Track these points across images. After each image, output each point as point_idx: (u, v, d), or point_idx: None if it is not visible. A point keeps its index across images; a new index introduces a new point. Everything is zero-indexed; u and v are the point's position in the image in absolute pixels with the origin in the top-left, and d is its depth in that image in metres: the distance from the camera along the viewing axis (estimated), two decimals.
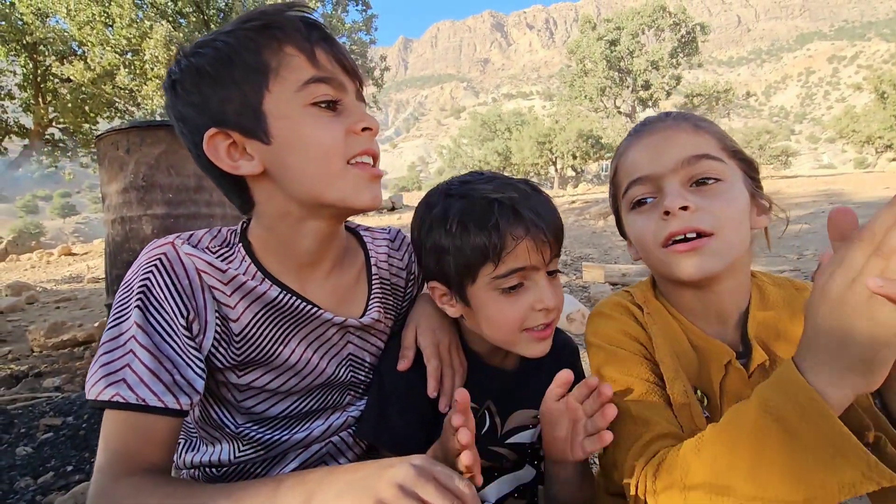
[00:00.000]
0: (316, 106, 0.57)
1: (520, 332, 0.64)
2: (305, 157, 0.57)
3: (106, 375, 0.53)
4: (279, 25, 0.56)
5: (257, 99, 0.56)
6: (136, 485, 0.50)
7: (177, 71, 0.58)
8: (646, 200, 0.62)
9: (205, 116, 0.57)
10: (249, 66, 0.55)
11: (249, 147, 0.57)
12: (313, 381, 0.68)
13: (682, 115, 0.64)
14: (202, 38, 0.60)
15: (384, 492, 0.41)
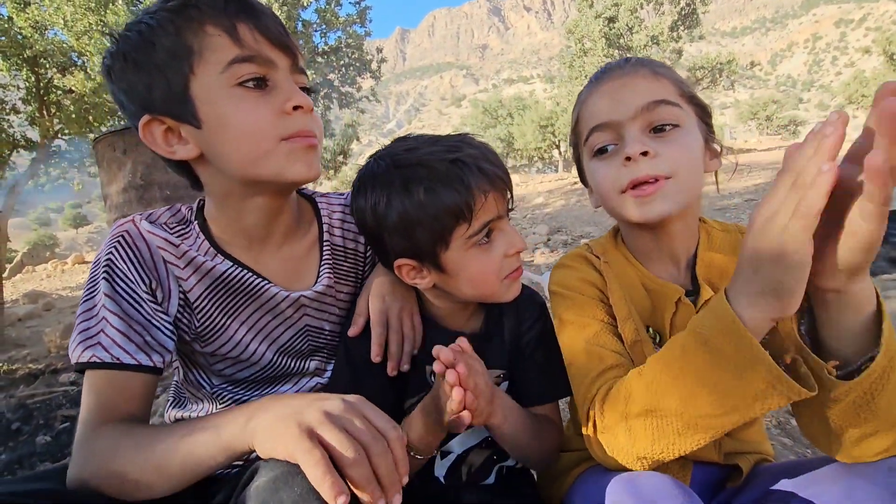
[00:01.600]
0: (242, 86, 0.56)
1: (501, 280, 0.65)
2: (235, 140, 0.57)
3: (83, 341, 0.57)
4: (197, 4, 0.55)
5: (182, 83, 0.55)
6: (113, 430, 0.55)
7: (108, 56, 0.59)
8: (607, 148, 0.63)
9: (135, 104, 0.58)
10: (171, 50, 0.55)
11: (184, 131, 0.58)
12: (267, 351, 0.70)
13: (641, 61, 0.65)
14: (129, 20, 0.60)
15: (311, 417, 0.44)
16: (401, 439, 0.45)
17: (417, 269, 0.66)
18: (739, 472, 0.61)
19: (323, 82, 16.54)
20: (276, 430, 0.44)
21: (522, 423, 0.64)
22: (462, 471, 0.71)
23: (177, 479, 0.50)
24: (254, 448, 0.46)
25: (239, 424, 0.48)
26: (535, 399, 0.68)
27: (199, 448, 0.49)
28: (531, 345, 0.71)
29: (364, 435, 0.43)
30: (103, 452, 0.52)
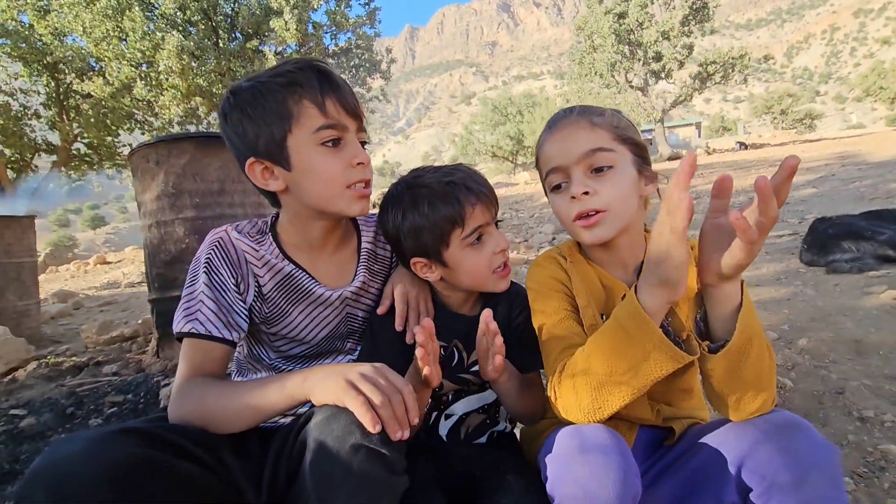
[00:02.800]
0: (324, 145, 0.76)
1: (491, 274, 0.84)
2: (314, 183, 0.77)
3: (185, 316, 0.77)
4: (300, 83, 0.75)
5: (282, 137, 0.75)
6: (202, 382, 0.74)
7: (227, 105, 0.79)
8: (560, 185, 0.80)
9: (244, 146, 0.77)
10: (277, 112, 0.75)
11: (276, 171, 0.78)
12: (318, 333, 0.90)
13: (582, 112, 0.81)
14: (244, 80, 0.79)
15: (352, 375, 0.62)
16: (411, 392, 0.62)
17: (427, 265, 0.86)
18: (674, 432, 0.77)
19: None
20: (327, 384, 0.63)
21: (519, 385, 0.83)
22: (461, 431, 0.89)
23: (248, 418, 0.69)
24: (309, 398, 0.64)
25: (298, 381, 0.66)
26: (524, 369, 0.86)
27: (267, 396, 0.67)
28: (520, 327, 0.90)
29: (387, 388, 0.61)
30: (195, 398, 0.71)
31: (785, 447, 0.58)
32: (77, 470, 0.54)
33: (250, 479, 0.70)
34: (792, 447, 0.58)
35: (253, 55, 13.92)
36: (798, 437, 0.58)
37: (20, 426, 1.77)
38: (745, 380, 0.61)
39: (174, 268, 2.34)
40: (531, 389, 0.86)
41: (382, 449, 0.57)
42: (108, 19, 12.32)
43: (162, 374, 2.21)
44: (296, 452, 0.64)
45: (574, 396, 0.69)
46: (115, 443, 0.58)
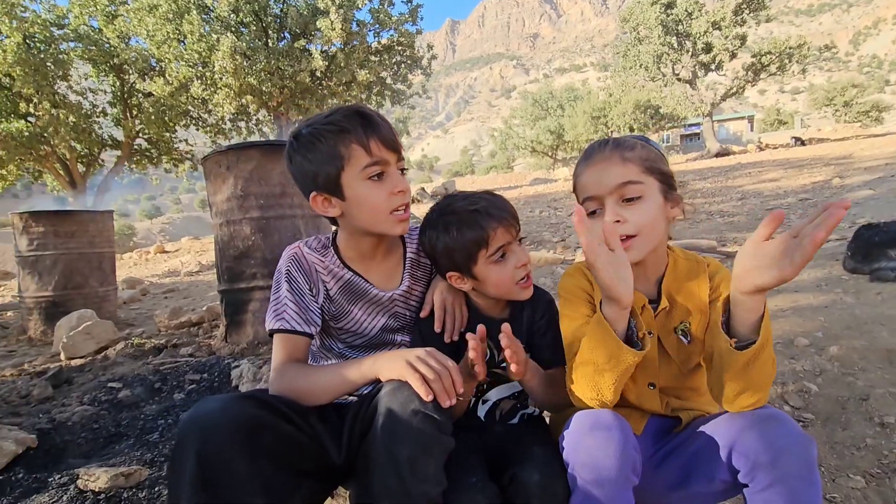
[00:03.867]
0: (370, 179, 0.94)
1: (514, 285, 0.99)
2: (363, 211, 0.96)
3: (275, 316, 0.97)
4: (349, 129, 0.91)
5: (336, 175, 0.93)
6: (294, 366, 0.94)
7: (290, 148, 0.97)
8: (595, 211, 0.94)
9: (307, 180, 0.96)
10: (330, 154, 0.93)
11: (333, 201, 0.97)
12: (374, 327, 1.09)
13: (615, 147, 0.93)
14: (303, 126, 0.97)
15: (409, 357, 0.80)
16: (456, 369, 0.80)
17: (460, 278, 1.02)
18: (680, 421, 0.91)
19: (376, 81, 17.05)
20: (392, 364, 0.81)
21: (542, 380, 0.98)
22: (496, 413, 1.05)
23: (332, 392, 0.89)
24: (378, 376, 0.83)
25: (369, 363, 0.86)
26: (546, 365, 1.01)
27: (347, 375, 0.87)
28: (542, 328, 1.05)
29: (437, 367, 0.79)
30: (291, 377, 0.91)
31: (764, 433, 0.71)
32: (216, 420, 0.75)
33: (331, 440, 0.89)
34: (770, 433, 0.71)
35: (300, 54, 14.42)
36: (775, 426, 0.72)
37: (118, 397, 2.07)
38: (750, 379, 0.74)
39: (241, 262, 2.61)
40: (553, 383, 1.00)
41: (434, 414, 0.75)
42: (168, 23, 13.11)
43: (230, 357, 2.48)
44: (367, 416, 0.82)
45: (579, 384, 0.84)
46: (240, 404, 0.78)
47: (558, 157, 43.12)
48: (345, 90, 16.45)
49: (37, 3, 13.89)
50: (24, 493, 1.35)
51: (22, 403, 2.10)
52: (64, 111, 13.64)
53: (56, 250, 3.88)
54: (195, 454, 0.72)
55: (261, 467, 0.77)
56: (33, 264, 3.85)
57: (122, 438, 1.73)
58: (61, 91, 14.11)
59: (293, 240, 2.65)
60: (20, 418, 1.92)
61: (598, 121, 36.54)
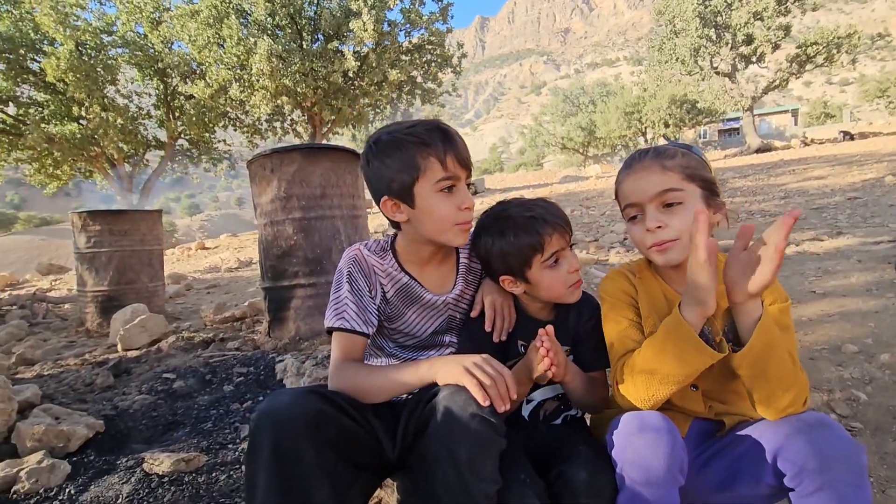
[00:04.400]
0: (441, 192, 0.98)
1: (565, 289, 1.03)
2: (431, 221, 1.00)
3: (335, 315, 1.02)
4: (429, 143, 0.96)
5: (411, 184, 0.98)
6: (353, 365, 0.99)
7: (370, 152, 1.02)
8: (636, 217, 0.97)
9: (381, 184, 1.01)
10: (408, 163, 0.97)
11: (402, 207, 1.01)
12: (427, 329, 1.14)
13: (656, 155, 0.95)
14: (383, 132, 1.01)
15: (467, 363, 0.84)
16: (510, 376, 0.84)
17: (513, 281, 1.06)
18: (724, 425, 0.92)
19: (407, 80, 17.19)
20: (450, 369, 0.85)
21: (583, 382, 1.01)
22: (539, 414, 1.09)
23: (389, 392, 0.94)
24: (435, 379, 0.87)
25: (426, 367, 0.90)
26: (590, 367, 1.05)
27: (404, 377, 0.92)
28: (587, 332, 1.07)
29: (493, 374, 0.83)
30: (350, 375, 0.97)
31: (813, 439, 0.72)
32: (288, 413, 0.82)
33: (386, 435, 0.94)
34: (818, 440, 0.72)
35: (333, 55, 14.70)
36: (823, 432, 0.73)
37: (173, 387, 2.20)
38: (770, 378, 0.78)
39: (284, 261, 2.72)
40: (595, 385, 1.04)
41: (491, 418, 0.79)
42: (209, 27, 13.58)
43: (274, 351, 2.60)
44: (423, 416, 0.87)
45: (633, 388, 0.87)
46: (307, 399, 0.85)
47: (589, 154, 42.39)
48: (376, 90, 16.67)
49: (88, 12, 14.60)
50: (96, 474, 1.47)
51: (87, 391, 2.27)
52: (112, 114, 14.37)
53: (111, 247, 4.12)
54: (271, 443, 0.79)
55: (326, 457, 0.83)
56: (91, 260, 4.10)
57: (179, 426, 1.85)
58: (110, 95, 14.86)
59: (332, 240, 2.74)
60: (87, 404, 2.08)
61: (631, 116, 35.68)
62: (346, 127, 19.58)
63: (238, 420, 1.84)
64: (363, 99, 16.83)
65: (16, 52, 13.24)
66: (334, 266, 2.75)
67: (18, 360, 2.96)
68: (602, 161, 42.51)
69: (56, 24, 12.86)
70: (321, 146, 2.76)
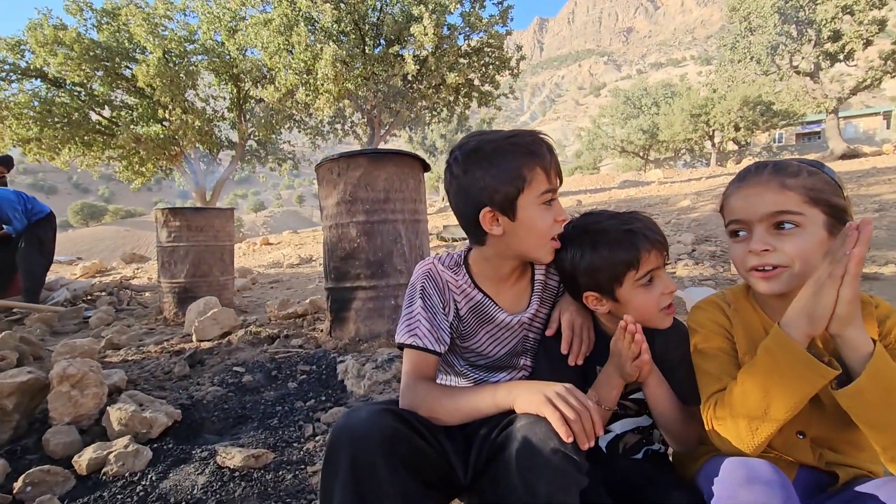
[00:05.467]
0: (544, 204, 0.95)
1: (657, 312, 0.96)
2: (531, 234, 0.96)
3: (408, 331, 1.00)
4: (537, 153, 0.93)
5: (515, 195, 0.92)
6: (427, 384, 0.97)
7: (469, 159, 0.96)
8: (739, 234, 0.86)
9: (482, 194, 0.96)
10: (516, 175, 0.93)
11: (501, 220, 0.97)
12: (500, 351, 1.10)
13: (775, 171, 0.84)
14: (480, 139, 0.97)
15: (549, 392, 0.79)
16: (596, 411, 0.78)
17: (598, 299, 1.00)
18: (836, 478, 0.81)
19: (464, 83, 17.26)
20: (530, 397, 0.81)
21: (671, 398, 0.94)
22: (619, 446, 1.02)
23: (464, 416, 0.90)
24: (513, 406, 0.84)
25: (504, 392, 0.86)
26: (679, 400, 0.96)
27: (481, 401, 0.88)
28: (675, 361, 0.99)
29: (577, 407, 0.77)
30: (422, 395, 0.94)
31: None
32: (365, 430, 0.81)
33: (457, 458, 0.92)
34: None
35: (394, 59, 15.03)
36: None
37: (242, 381, 2.31)
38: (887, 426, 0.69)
39: (347, 263, 2.78)
40: (684, 418, 0.95)
41: (573, 455, 0.74)
42: (280, 35, 14.29)
43: (335, 351, 2.66)
44: (497, 443, 0.83)
45: (731, 426, 0.79)
46: (383, 417, 0.83)
47: (650, 158, 40.65)
48: (434, 93, 16.88)
49: (174, 22, 15.79)
50: (174, 462, 1.55)
51: (166, 379, 2.42)
52: (191, 116, 15.46)
53: (188, 242, 4.40)
54: (349, 460, 0.78)
55: (399, 475, 0.82)
56: (170, 254, 4.41)
57: (248, 420, 1.92)
58: (190, 98, 16.00)
59: (394, 244, 2.77)
60: (166, 392, 2.22)
61: (697, 119, 33.89)
62: (403, 129, 19.94)
63: (301, 419, 1.89)
64: (421, 102, 17.08)
65: (112, 60, 14.59)
66: (395, 270, 2.78)
67: (107, 344, 3.22)
68: (664, 165, 40.65)
69: (147, 33, 14.04)
70: (387, 151, 2.80)
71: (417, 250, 2.90)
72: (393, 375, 2.16)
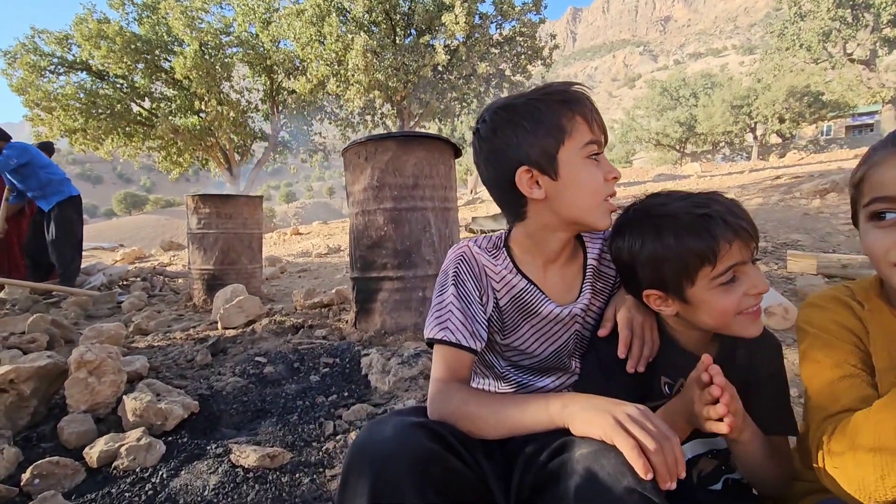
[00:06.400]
0: (589, 158, 0.81)
1: (739, 317, 0.76)
2: (580, 193, 0.81)
3: (438, 324, 0.85)
4: (575, 100, 0.81)
5: (555, 149, 0.80)
6: (461, 388, 0.81)
7: (498, 119, 0.84)
8: (884, 215, 0.65)
9: (516, 155, 0.81)
10: (553, 126, 0.79)
11: (541, 180, 0.82)
12: (547, 349, 0.93)
13: None
14: (510, 98, 0.84)
15: (620, 414, 0.63)
16: (678, 441, 0.61)
17: (663, 298, 0.81)
18: None
19: (495, 73, 16.96)
20: (593, 417, 0.65)
21: (763, 447, 0.75)
22: (692, 474, 0.84)
23: (507, 430, 0.74)
24: (568, 426, 0.67)
25: (558, 406, 0.69)
26: (765, 431, 0.77)
27: (527, 416, 0.72)
28: (762, 381, 0.80)
29: (657, 435, 0.60)
30: (457, 402, 0.79)
31: None
32: (391, 450, 0.66)
33: (497, 481, 0.76)
34: None
35: (424, 49, 14.87)
36: None
37: (263, 372, 2.22)
38: None
39: (374, 251, 2.66)
40: (776, 456, 0.77)
41: (653, 497, 0.58)
42: (311, 25, 14.33)
43: (359, 343, 2.55)
44: (550, 470, 0.67)
45: (854, 467, 0.60)
46: (414, 434, 0.69)
47: (686, 151, 39.21)
48: (464, 83, 16.64)
49: (210, 15, 16.05)
50: (187, 458, 1.46)
51: (188, 367, 2.36)
52: (226, 108, 15.75)
53: (217, 229, 4.38)
54: (370, 484, 0.64)
55: (428, 499, 0.67)
56: (200, 241, 4.40)
57: (267, 415, 1.83)
58: (225, 90, 16.29)
59: (423, 232, 2.62)
60: (186, 381, 2.15)
61: (739, 110, 32.44)
62: (433, 121, 19.79)
63: (322, 415, 1.77)
64: (451, 93, 16.87)
65: (152, 52, 14.97)
66: (423, 260, 2.64)
67: (135, 329, 3.22)
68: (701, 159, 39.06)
69: (184, 26, 14.32)
70: (416, 134, 2.65)
71: (447, 240, 2.75)
72: (419, 371, 2.02)
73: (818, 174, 8.62)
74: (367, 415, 1.75)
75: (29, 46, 14.00)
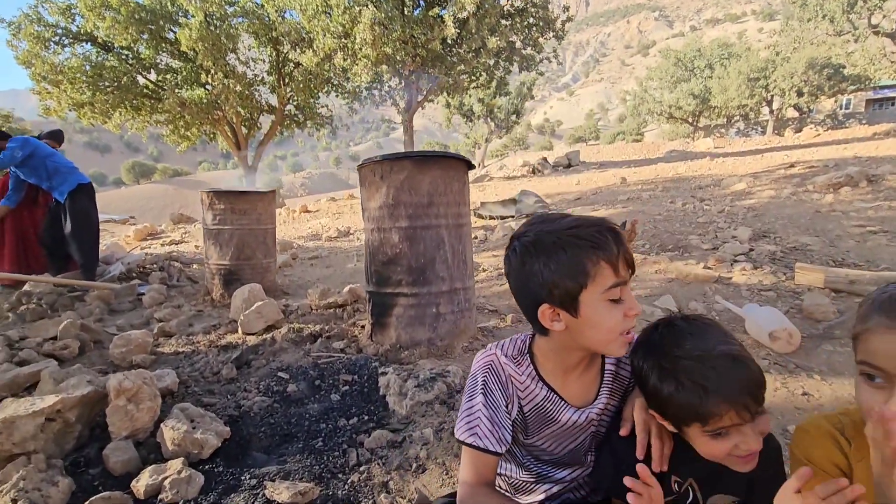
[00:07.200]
0: (610, 301, 0.85)
1: (729, 458, 0.84)
2: (598, 331, 0.87)
3: (468, 429, 0.95)
4: (602, 246, 0.84)
5: (577, 292, 0.85)
6: (488, 491, 0.92)
7: (528, 251, 0.88)
8: (874, 378, 0.69)
9: (541, 290, 0.87)
10: (578, 271, 0.84)
11: (562, 315, 0.88)
12: (565, 449, 1.03)
13: None
14: (539, 230, 0.88)
15: None
16: None
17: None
18: None
19: (505, 47, 16.52)
20: None
21: None
22: None
23: None
24: None
25: None
26: None
27: None
28: (768, 483, 0.88)
29: None
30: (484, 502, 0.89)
31: None
32: None
33: None
34: None
35: (433, 21, 14.47)
36: None
37: (287, 390, 2.34)
38: None
39: (389, 268, 2.74)
40: None
41: None
42: None
43: (376, 357, 2.66)
44: None
45: None
46: None
47: (699, 125, 38.36)
48: (473, 57, 16.26)
49: None
50: (225, 490, 1.59)
51: (214, 381, 2.49)
52: (233, 80, 15.54)
53: (232, 225, 4.47)
54: None
55: None
56: (216, 236, 4.49)
57: (293, 439, 1.95)
58: (231, 63, 16.03)
59: (437, 250, 2.69)
60: (215, 398, 2.28)
61: (755, 83, 31.49)
62: (441, 95, 19.43)
63: (345, 441, 1.89)
64: (460, 66, 16.51)
65: (156, 22, 14.68)
66: (437, 277, 2.71)
67: (159, 331, 3.35)
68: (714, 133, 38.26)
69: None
70: (432, 154, 2.68)
71: (460, 256, 2.81)
72: (435, 396, 2.13)
73: (833, 164, 8.48)
74: (387, 442, 1.87)
75: (32, 17, 13.77)
